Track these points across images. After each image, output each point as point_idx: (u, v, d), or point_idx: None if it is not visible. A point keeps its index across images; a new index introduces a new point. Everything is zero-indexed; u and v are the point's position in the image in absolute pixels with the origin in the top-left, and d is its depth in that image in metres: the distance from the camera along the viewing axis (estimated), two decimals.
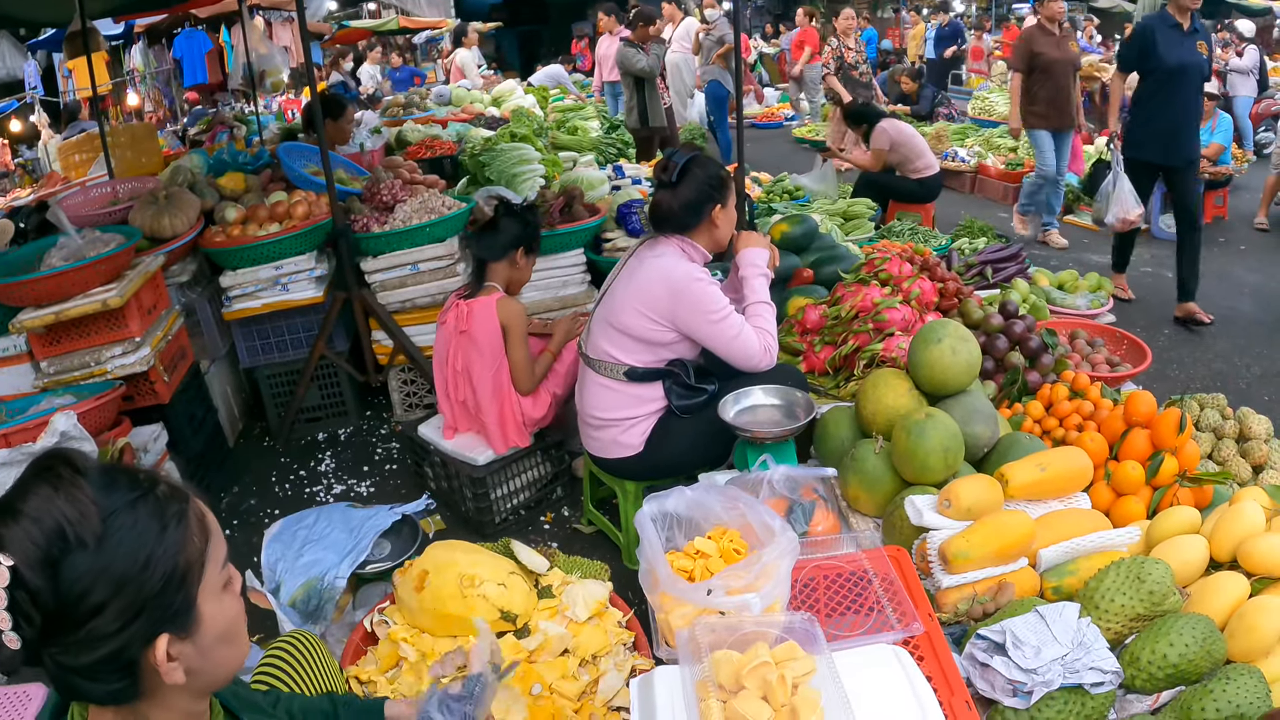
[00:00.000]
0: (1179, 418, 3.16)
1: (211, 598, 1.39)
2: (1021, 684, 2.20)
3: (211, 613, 1.39)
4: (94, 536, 1.24)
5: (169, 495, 1.36)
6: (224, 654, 1.44)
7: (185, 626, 1.35)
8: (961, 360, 3.27)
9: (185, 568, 1.33)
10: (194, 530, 1.36)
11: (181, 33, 13.28)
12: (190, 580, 1.34)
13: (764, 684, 1.83)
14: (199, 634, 1.37)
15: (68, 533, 1.23)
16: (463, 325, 4.11)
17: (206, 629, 1.38)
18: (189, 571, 1.34)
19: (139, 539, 1.28)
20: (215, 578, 1.40)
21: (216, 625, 1.40)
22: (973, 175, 11.21)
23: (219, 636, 1.41)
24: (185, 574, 1.33)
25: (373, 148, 7.53)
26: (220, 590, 1.42)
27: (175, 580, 1.32)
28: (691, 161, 3.60)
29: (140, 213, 5.05)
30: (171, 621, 1.33)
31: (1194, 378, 5.79)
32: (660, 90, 9.70)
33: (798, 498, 2.92)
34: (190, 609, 1.35)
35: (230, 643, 1.45)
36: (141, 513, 1.30)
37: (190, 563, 1.34)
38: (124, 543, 1.27)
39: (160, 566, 1.29)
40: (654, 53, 9.54)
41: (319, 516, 3.70)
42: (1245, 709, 2.10)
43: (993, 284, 5.51)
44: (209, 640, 1.39)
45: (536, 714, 2.60)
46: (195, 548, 1.36)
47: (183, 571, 1.33)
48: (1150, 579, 2.40)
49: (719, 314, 3.48)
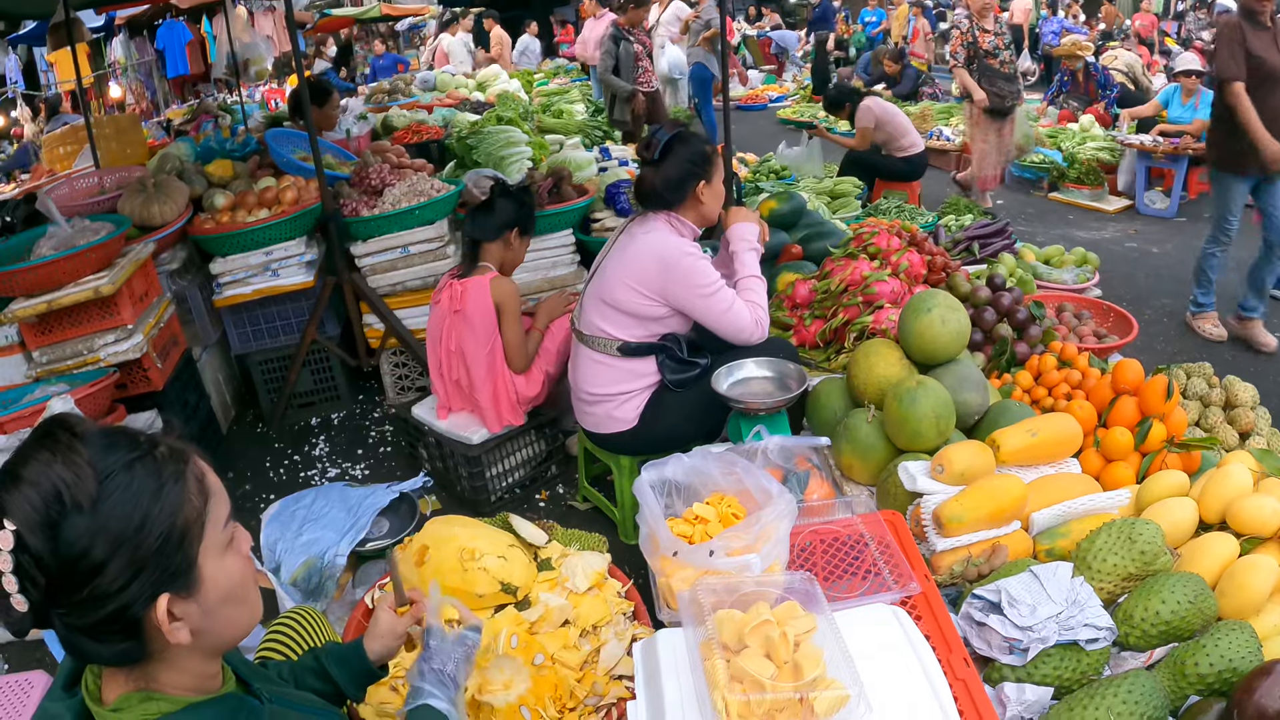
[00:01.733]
0: (1166, 385, 3.19)
1: (213, 557, 1.40)
2: (1018, 641, 2.23)
3: (214, 572, 1.39)
4: (89, 498, 1.26)
5: (167, 456, 1.36)
6: (231, 614, 1.45)
7: (187, 586, 1.36)
8: (951, 329, 3.30)
9: (184, 527, 1.34)
10: (192, 490, 1.37)
11: (163, 24, 13.22)
12: (190, 540, 1.35)
13: (767, 642, 1.85)
14: (202, 593, 1.38)
15: (64, 495, 1.25)
16: (456, 305, 4.12)
17: (209, 588, 1.39)
18: (188, 531, 1.35)
19: (135, 499, 1.29)
20: (217, 537, 1.41)
21: (220, 585, 1.41)
22: (958, 154, 11.22)
23: (224, 596, 1.42)
24: (184, 533, 1.34)
25: (359, 133, 7.51)
26: (223, 550, 1.42)
27: (174, 539, 1.33)
28: (675, 139, 3.61)
29: (129, 201, 5.04)
30: (172, 581, 1.34)
31: (1181, 350, 5.84)
32: (643, 79, 9.61)
33: (792, 467, 2.95)
34: (191, 568, 1.36)
35: (237, 602, 1.46)
36: (138, 473, 1.31)
37: (189, 522, 1.35)
38: (120, 503, 1.28)
39: (157, 526, 1.30)
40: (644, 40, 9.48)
41: (317, 496, 3.72)
42: (1237, 663, 2.14)
43: (980, 259, 5.54)
44: (213, 600, 1.40)
45: (539, 684, 2.62)
46: (194, 507, 1.36)
47: (181, 531, 1.34)
48: (1141, 539, 2.43)
49: (710, 288, 3.50)
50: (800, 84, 17.73)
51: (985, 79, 8.53)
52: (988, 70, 8.52)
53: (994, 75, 8.51)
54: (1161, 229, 8.51)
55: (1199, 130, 8.97)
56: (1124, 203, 9.24)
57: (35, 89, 13.83)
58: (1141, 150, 8.94)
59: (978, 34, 8.55)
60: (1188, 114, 9.21)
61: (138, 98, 14.32)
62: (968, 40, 8.60)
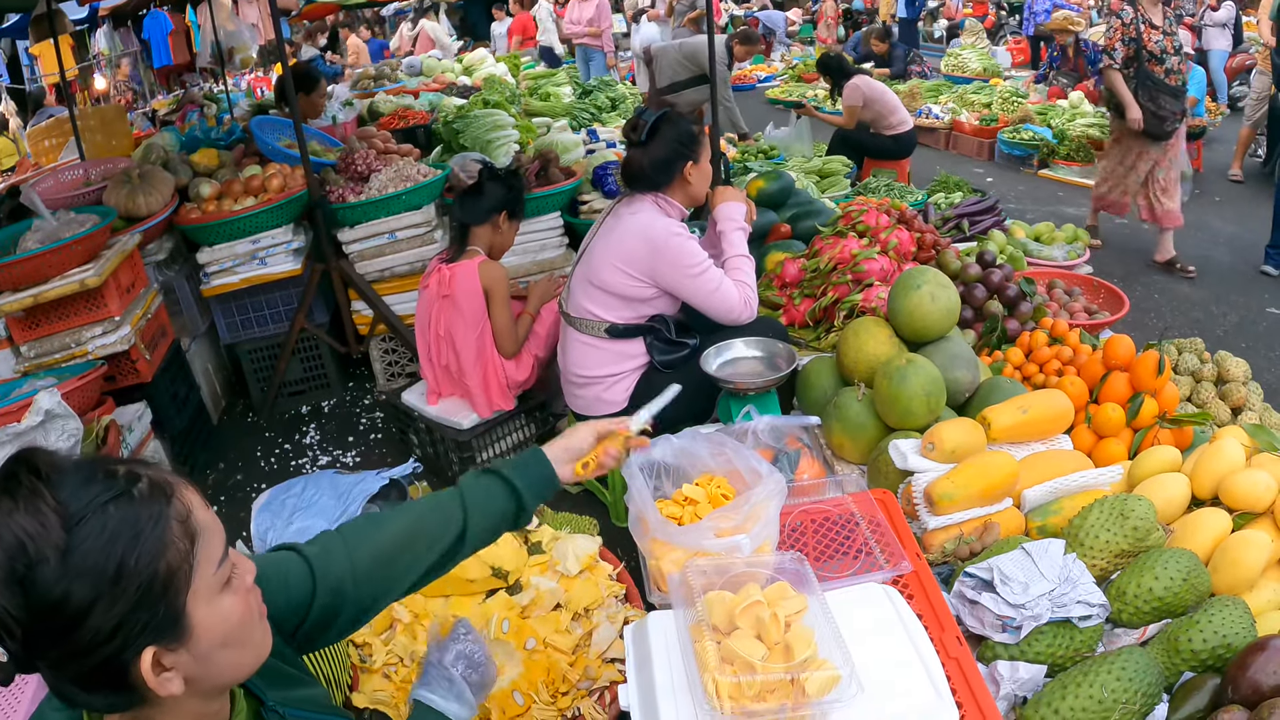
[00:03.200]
0: (1157, 360, 3.18)
1: (205, 602, 1.27)
2: (1010, 619, 2.22)
3: (206, 619, 1.27)
4: (55, 550, 1.14)
5: (147, 494, 1.23)
6: (228, 659, 1.32)
7: (175, 637, 1.24)
8: (941, 306, 3.29)
9: (167, 575, 1.21)
10: (175, 533, 1.23)
11: (148, 14, 13.14)
12: (175, 587, 1.22)
13: (757, 623, 1.84)
14: (194, 642, 1.26)
15: (28, 547, 1.14)
16: (445, 290, 4.10)
17: (202, 636, 1.27)
18: (172, 578, 1.22)
19: (108, 547, 1.17)
20: (208, 580, 1.28)
21: (214, 631, 1.28)
22: (947, 132, 11.24)
23: (219, 642, 1.29)
24: (168, 581, 1.21)
25: (345, 120, 7.48)
26: (216, 593, 1.29)
27: (156, 589, 1.20)
28: (661, 120, 3.59)
29: (114, 192, 5.02)
30: (156, 634, 1.22)
31: (1172, 326, 5.85)
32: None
33: (782, 447, 2.94)
34: (178, 618, 1.24)
35: (236, 646, 1.33)
36: (112, 517, 1.18)
37: (173, 569, 1.22)
38: (91, 553, 1.16)
39: (134, 577, 1.18)
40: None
41: (307, 484, 3.72)
42: (1231, 639, 2.13)
43: (969, 236, 5.52)
44: (207, 647, 1.28)
45: (532, 669, 2.62)
46: (178, 551, 1.23)
47: (165, 579, 1.21)
48: (1134, 515, 2.43)
49: (698, 268, 3.48)
50: (789, 64, 17.67)
51: (1144, 91, 6.66)
52: (1149, 80, 6.63)
53: (1156, 87, 6.65)
54: None
55: (1190, 106, 8.96)
56: None
57: (19, 83, 13.74)
58: None
59: (1143, 29, 6.66)
60: None
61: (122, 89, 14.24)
62: (1130, 35, 6.68)
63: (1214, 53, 11.70)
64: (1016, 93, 11.25)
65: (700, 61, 8.36)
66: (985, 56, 14.27)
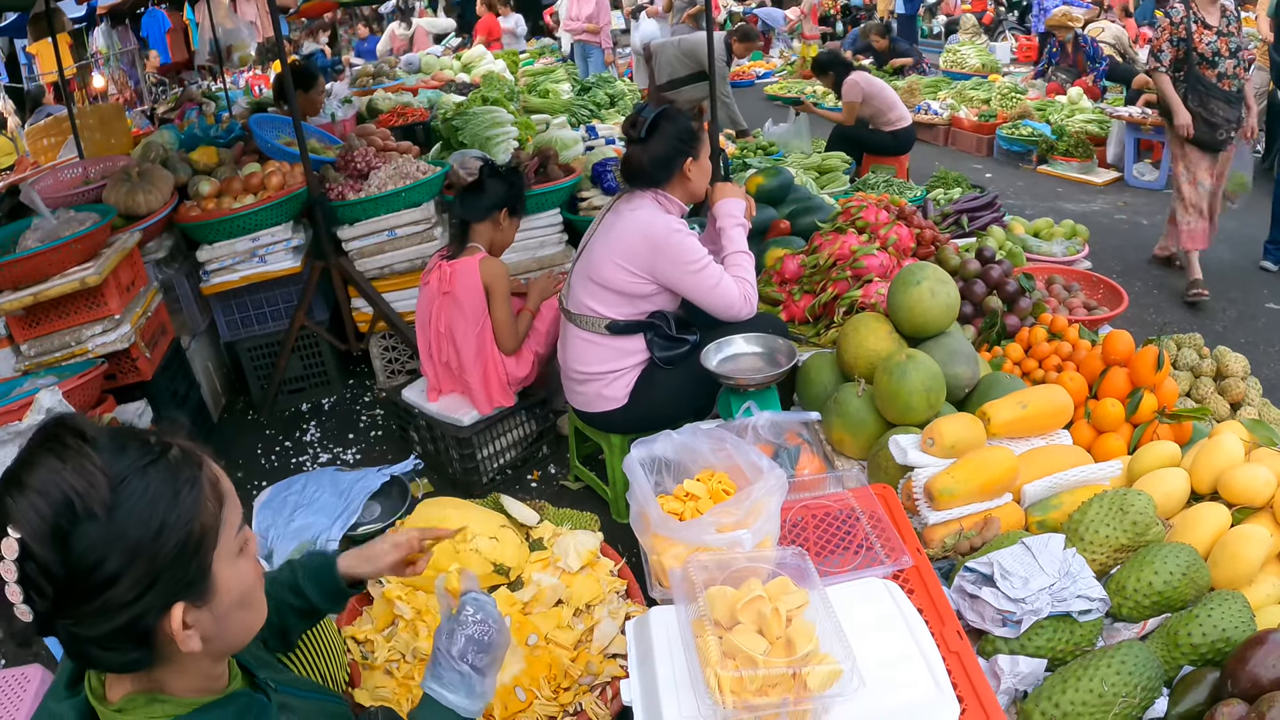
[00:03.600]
0: (1157, 356, 3.18)
1: (227, 563, 1.36)
2: (1010, 614, 2.23)
3: (227, 579, 1.36)
4: (103, 506, 1.21)
5: (181, 459, 1.32)
6: (241, 619, 1.42)
7: (202, 594, 1.32)
8: (941, 302, 3.29)
9: (200, 534, 1.30)
10: (208, 495, 1.33)
11: (146, 12, 13.13)
12: (205, 546, 1.31)
13: (759, 618, 1.85)
14: (215, 601, 1.35)
15: (76, 504, 1.21)
16: (446, 286, 4.11)
17: (223, 595, 1.36)
18: (204, 538, 1.31)
19: (151, 506, 1.25)
20: (231, 543, 1.37)
21: (233, 591, 1.37)
22: (946, 128, 11.23)
23: (236, 602, 1.39)
24: (200, 540, 1.30)
25: (344, 117, 7.48)
26: (236, 555, 1.39)
27: (190, 547, 1.28)
28: (660, 116, 3.59)
29: (114, 190, 5.01)
30: (187, 590, 1.30)
31: (1171, 321, 5.85)
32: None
33: (782, 443, 2.94)
34: (206, 576, 1.32)
35: (247, 607, 1.43)
36: (153, 478, 1.27)
37: (205, 529, 1.31)
38: (135, 511, 1.23)
39: (174, 534, 1.26)
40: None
41: (308, 481, 3.72)
42: (1231, 633, 2.13)
43: (969, 232, 5.52)
44: (225, 606, 1.37)
45: (534, 664, 2.63)
46: (210, 513, 1.32)
47: (198, 538, 1.30)
48: (1133, 510, 2.43)
49: (698, 264, 3.49)
50: (788, 60, 17.67)
51: (1194, 96, 6.14)
52: (1200, 83, 6.10)
53: (1208, 92, 6.10)
54: (1151, 201, 8.50)
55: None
56: (1113, 175, 9.23)
57: (17, 81, 13.73)
58: (1130, 122, 8.93)
59: (1194, 29, 6.10)
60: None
61: (120, 87, 14.22)
62: (1179, 36, 6.14)
63: None
64: (1015, 89, 11.24)
65: (699, 58, 8.33)
66: (984, 52, 14.26)
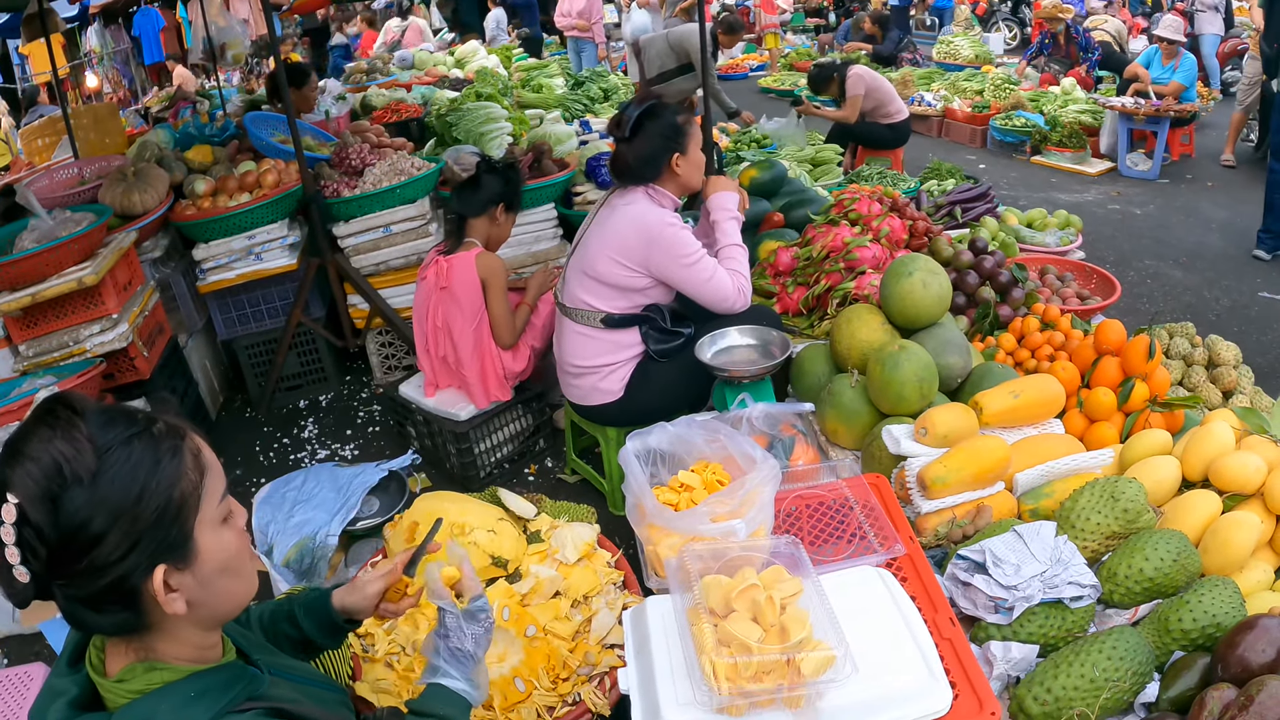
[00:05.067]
0: (1148, 345, 3.20)
1: (209, 531, 1.43)
2: (1003, 600, 2.25)
3: (209, 545, 1.43)
4: (89, 472, 1.30)
5: (165, 432, 1.40)
6: (226, 586, 1.48)
7: (183, 558, 1.39)
8: (933, 293, 3.31)
9: (180, 500, 1.37)
10: (189, 465, 1.40)
11: (138, 11, 13.13)
12: (186, 513, 1.39)
13: (753, 606, 1.87)
14: (198, 565, 1.41)
15: (64, 469, 1.29)
16: (443, 281, 4.12)
17: (205, 561, 1.42)
18: (184, 503, 1.38)
19: (133, 473, 1.33)
20: (213, 511, 1.44)
21: (215, 558, 1.44)
22: (940, 119, 11.24)
23: (219, 568, 1.45)
24: (181, 506, 1.37)
25: (338, 114, 7.50)
26: (219, 524, 1.46)
27: (170, 512, 1.36)
28: (644, 114, 3.60)
29: (109, 190, 5.02)
30: (168, 552, 1.37)
31: (1164, 311, 5.87)
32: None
33: (777, 434, 2.96)
34: (187, 540, 1.39)
35: (232, 575, 1.49)
36: (136, 448, 1.35)
37: (185, 496, 1.38)
38: (118, 477, 1.32)
39: (154, 499, 1.34)
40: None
41: (306, 477, 3.73)
42: (1221, 618, 2.16)
43: (962, 223, 5.54)
44: (208, 572, 1.43)
45: (532, 655, 2.64)
46: (190, 481, 1.39)
47: (178, 504, 1.37)
48: (1124, 497, 2.45)
49: (692, 257, 3.50)
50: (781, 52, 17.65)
51: None
52: None
53: None
54: (1144, 191, 8.52)
55: (1177, 91, 9.00)
56: (1106, 165, 9.25)
57: (11, 82, 13.72)
58: (1123, 113, 8.94)
59: None
60: (1167, 75, 9.24)
61: (115, 86, 14.22)
62: None
63: (1206, 37, 11.66)
64: (1009, 80, 11.26)
65: (687, 49, 8.25)
66: (977, 43, 14.27)
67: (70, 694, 1.45)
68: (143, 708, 1.41)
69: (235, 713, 1.46)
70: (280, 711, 1.52)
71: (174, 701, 1.43)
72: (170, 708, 1.42)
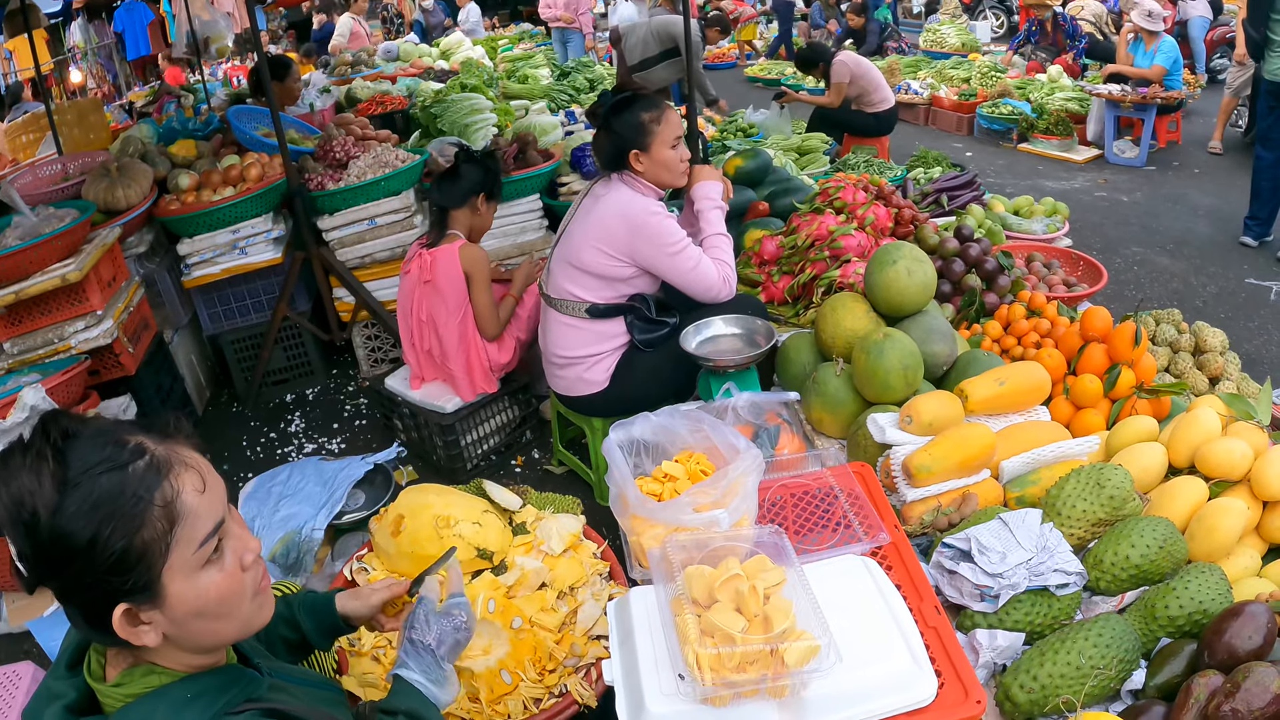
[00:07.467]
0: (1134, 331, 3.19)
1: (181, 577, 1.38)
2: (988, 588, 2.24)
3: (181, 590, 1.38)
4: (48, 509, 1.28)
5: (141, 473, 1.35)
6: (202, 626, 1.44)
7: (150, 599, 1.37)
8: (917, 281, 3.30)
9: (140, 549, 1.33)
10: (156, 515, 1.35)
11: (121, 5, 13.05)
12: (149, 560, 1.34)
13: (736, 596, 1.86)
14: (168, 607, 1.38)
15: (25, 502, 1.29)
16: (426, 275, 4.11)
17: (176, 604, 1.39)
18: (146, 552, 1.34)
19: (87, 518, 1.30)
20: (186, 559, 1.38)
21: (188, 602, 1.40)
22: (926, 107, 11.25)
23: (194, 612, 1.41)
24: (142, 554, 1.33)
25: (322, 107, 7.48)
26: (196, 570, 1.40)
27: (130, 559, 1.32)
28: (611, 109, 3.59)
29: (93, 186, 5.00)
30: (129, 594, 1.35)
31: (1150, 297, 5.88)
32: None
33: (762, 423, 2.95)
34: (153, 584, 1.36)
35: (213, 618, 1.45)
36: (99, 489, 1.31)
37: (147, 544, 1.33)
38: (74, 519, 1.29)
39: (107, 547, 1.30)
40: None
41: (292, 471, 3.73)
42: (1208, 605, 2.15)
43: (948, 211, 5.54)
44: (181, 614, 1.40)
45: (518, 647, 2.64)
46: (154, 531, 1.34)
47: (138, 553, 1.33)
48: (1110, 484, 2.44)
49: (676, 246, 3.50)
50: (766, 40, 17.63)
51: None
52: None
53: None
54: (1131, 178, 8.54)
55: (1159, 76, 9.00)
56: (1093, 152, 9.27)
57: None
58: (1110, 100, 8.95)
59: None
60: (1147, 61, 9.23)
61: (98, 81, 14.15)
62: None
63: (1193, 22, 11.66)
64: (995, 68, 11.26)
65: (671, 35, 8.12)
66: (963, 31, 14.27)
67: (68, 698, 1.45)
68: (140, 710, 1.41)
69: (232, 714, 1.45)
70: (277, 712, 1.50)
71: (171, 703, 1.42)
72: (167, 709, 1.41)
